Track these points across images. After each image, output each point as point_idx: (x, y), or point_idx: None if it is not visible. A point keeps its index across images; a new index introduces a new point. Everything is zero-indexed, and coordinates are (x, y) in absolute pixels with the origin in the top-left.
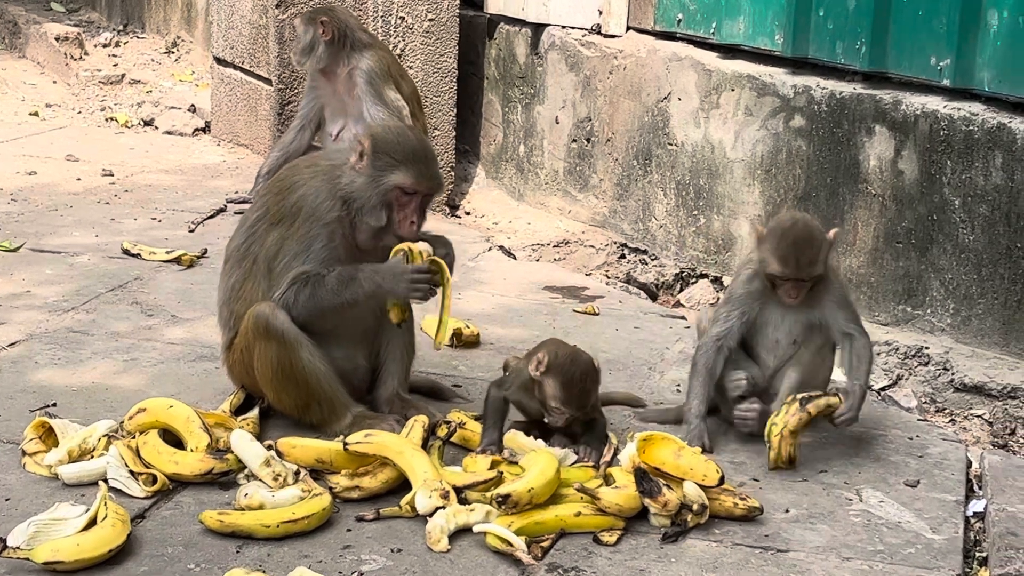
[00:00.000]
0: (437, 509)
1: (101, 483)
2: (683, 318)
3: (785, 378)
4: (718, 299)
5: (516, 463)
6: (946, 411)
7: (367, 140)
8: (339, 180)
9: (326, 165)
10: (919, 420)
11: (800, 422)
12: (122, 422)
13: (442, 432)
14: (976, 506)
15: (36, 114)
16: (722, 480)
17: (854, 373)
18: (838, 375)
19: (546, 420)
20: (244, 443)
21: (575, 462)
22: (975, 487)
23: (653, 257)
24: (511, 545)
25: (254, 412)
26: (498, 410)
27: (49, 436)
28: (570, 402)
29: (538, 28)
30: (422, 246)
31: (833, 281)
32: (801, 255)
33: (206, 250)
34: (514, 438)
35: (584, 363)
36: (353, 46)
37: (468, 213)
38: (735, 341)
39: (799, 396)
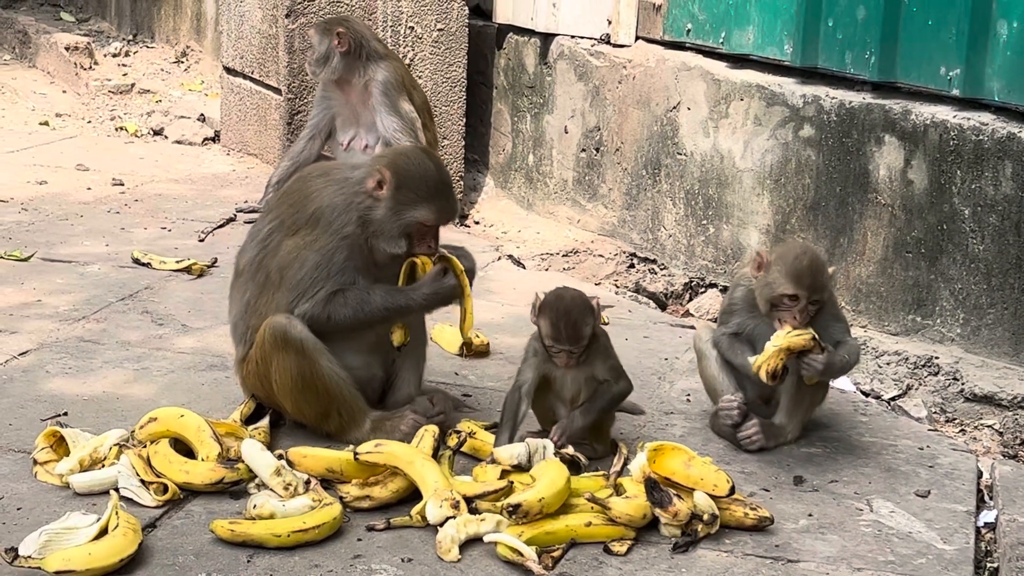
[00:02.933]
0: (448, 519)
1: (112, 492)
2: (692, 327)
3: (783, 388)
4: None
5: (527, 472)
6: (956, 421)
7: (388, 171)
8: (356, 199)
9: (340, 177)
10: (929, 430)
11: (800, 344)
12: (133, 431)
13: (452, 442)
14: (987, 516)
15: (46, 124)
16: (732, 490)
17: (836, 353)
18: (844, 383)
19: (555, 361)
20: (255, 452)
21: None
22: (986, 498)
23: (662, 267)
24: (522, 555)
25: (264, 422)
26: (511, 411)
27: (60, 445)
28: (559, 337)
29: (547, 38)
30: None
31: (828, 301)
32: (816, 277)
33: (216, 259)
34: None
35: (570, 298)
36: (368, 57)
37: (477, 223)
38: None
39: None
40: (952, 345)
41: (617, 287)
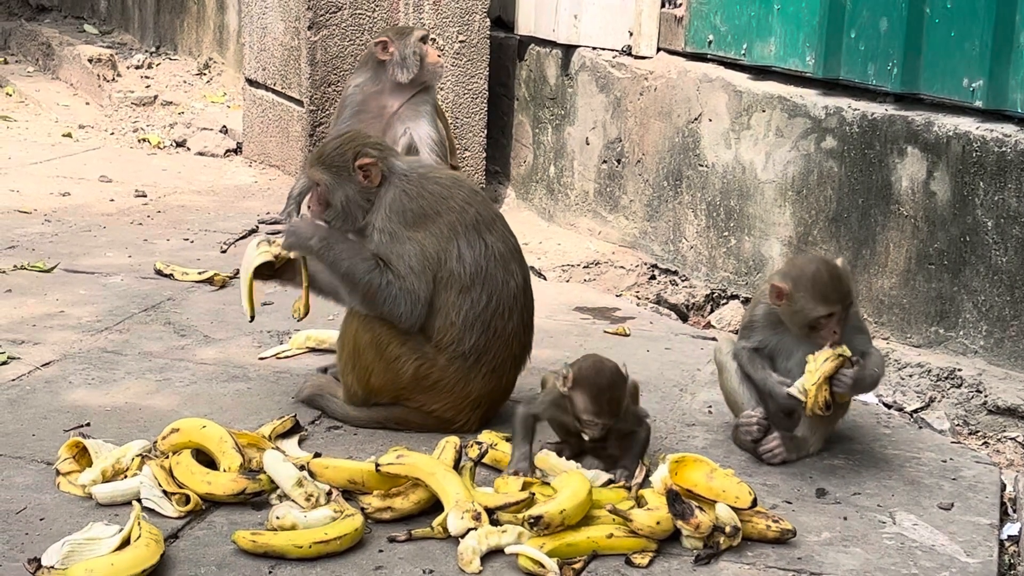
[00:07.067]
0: (469, 530)
1: (135, 503)
2: (714, 339)
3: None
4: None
5: (548, 484)
6: (979, 434)
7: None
8: None
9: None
10: (952, 443)
11: (832, 368)
12: (155, 442)
13: (473, 453)
14: (1010, 529)
15: (69, 135)
16: (755, 502)
17: (866, 367)
18: (867, 395)
19: (583, 435)
20: (277, 463)
21: (607, 482)
22: (1009, 510)
23: (683, 278)
24: (543, 567)
25: (294, 439)
26: (526, 428)
27: (83, 456)
28: (600, 413)
29: (569, 49)
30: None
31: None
32: (840, 286)
33: (238, 270)
34: (545, 459)
35: (609, 372)
36: None
37: None
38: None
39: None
40: (975, 357)
41: (638, 298)
